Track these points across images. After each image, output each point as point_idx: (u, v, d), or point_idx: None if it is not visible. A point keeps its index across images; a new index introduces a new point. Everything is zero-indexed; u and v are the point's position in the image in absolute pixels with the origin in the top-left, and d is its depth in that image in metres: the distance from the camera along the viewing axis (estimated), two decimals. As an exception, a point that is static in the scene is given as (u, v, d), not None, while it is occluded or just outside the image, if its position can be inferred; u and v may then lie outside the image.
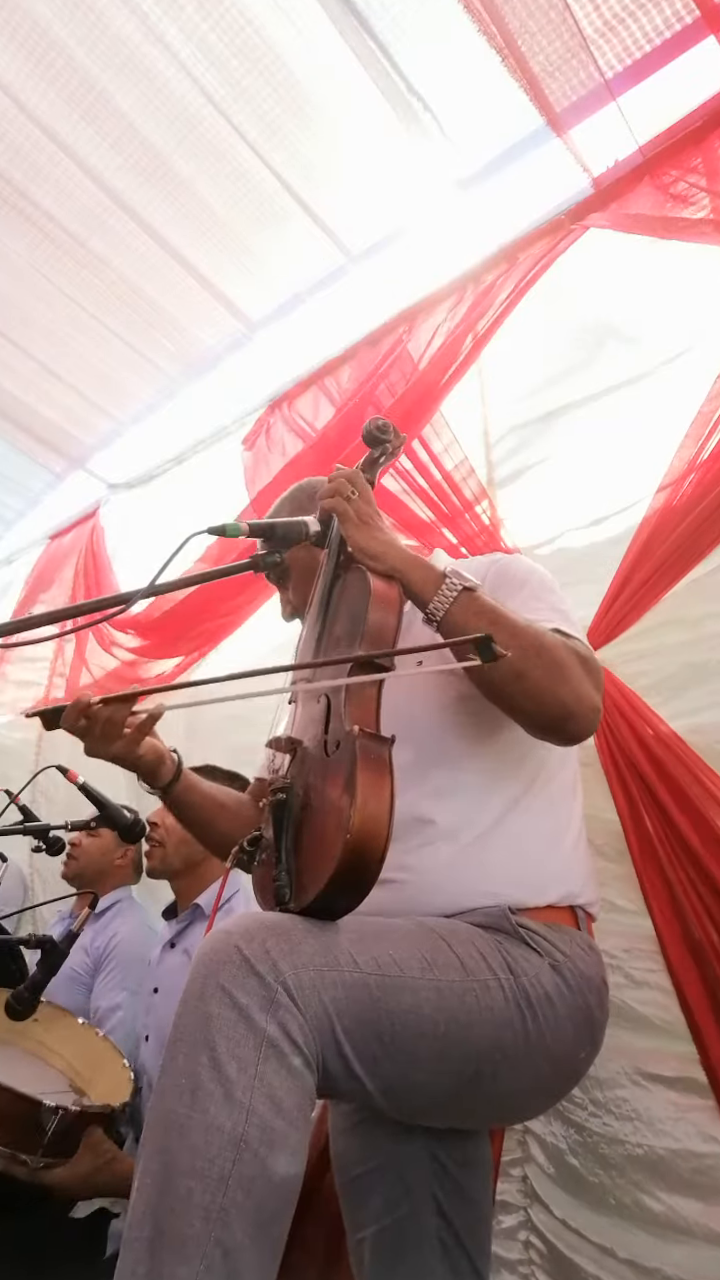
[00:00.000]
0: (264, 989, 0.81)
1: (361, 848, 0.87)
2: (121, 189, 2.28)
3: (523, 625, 1.04)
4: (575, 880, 1.15)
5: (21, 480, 3.65)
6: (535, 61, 1.64)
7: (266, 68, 1.93)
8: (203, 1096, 0.77)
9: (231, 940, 0.85)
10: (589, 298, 1.87)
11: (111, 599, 1.17)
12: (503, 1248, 1.54)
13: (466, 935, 1.02)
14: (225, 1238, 0.73)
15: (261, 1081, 0.78)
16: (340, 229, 2.24)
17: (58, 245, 2.48)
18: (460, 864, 1.09)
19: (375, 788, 0.90)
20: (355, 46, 1.81)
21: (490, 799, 1.14)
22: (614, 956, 1.48)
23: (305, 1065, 0.82)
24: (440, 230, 2.16)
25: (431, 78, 1.83)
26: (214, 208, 2.28)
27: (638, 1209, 1.35)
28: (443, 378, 1.99)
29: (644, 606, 1.54)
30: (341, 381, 2.42)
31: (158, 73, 2.00)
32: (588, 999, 1.07)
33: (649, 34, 1.57)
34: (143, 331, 2.71)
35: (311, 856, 0.95)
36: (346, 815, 0.88)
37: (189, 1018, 0.83)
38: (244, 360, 2.75)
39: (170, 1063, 0.82)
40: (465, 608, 1.03)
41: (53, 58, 2.02)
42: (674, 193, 1.68)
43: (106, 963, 2.19)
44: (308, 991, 0.83)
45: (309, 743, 1.10)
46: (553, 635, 1.07)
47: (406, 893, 1.08)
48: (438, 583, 1.05)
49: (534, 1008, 0.99)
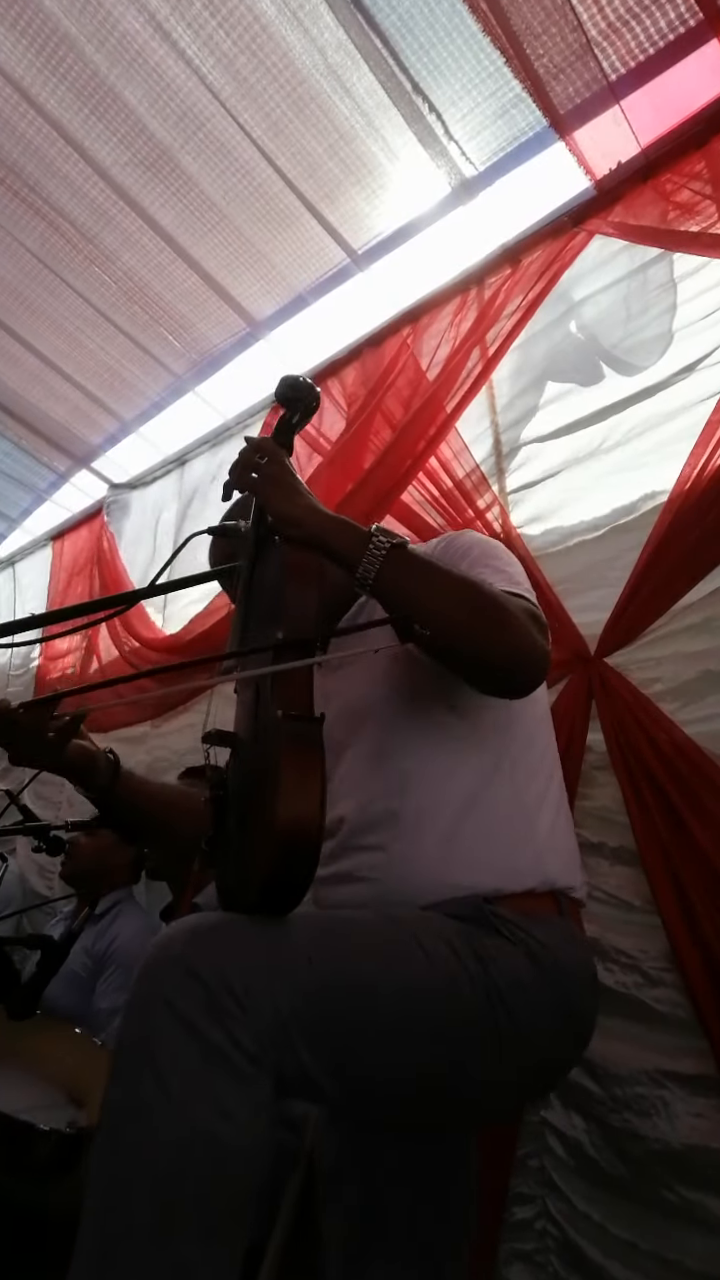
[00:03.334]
0: (208, 995, 0.77)
1: (292, 837, 0.83)
2: (129, 185, 2.30)
3: (458, 576, 1.00)
4: (554, 864, 1.08)
5: (25, 479, 3.66)
6: (540, 63, 1.64)
7: (273, 65, 1.93)
8: (147, 1112, 0.75)
9: (174, 946, 0.82)
10: (597, 302, 1.87)
11: (111, 599, 1.17)
12: (518, 1239, 1.54)
13: (437, 926, 0.97)
14: (176, 1254, 0.71)
15: (208, 1092, 0.75)
16: (345, 228, 2.24)
17: (67, 240, 2.49)
18: (431, 854, 1.04)
19: (301, 772, 0.85)
20: (361, 46, 1.81)
21: (455, 785, 1.09)
22: (631, 956, 1.48)
23: (257, 1071, 0.78)
24: (444, 230, 2.16)
25: (437, 79, 1.83)
26: (220, 205, 2.28)
27: (660, 1202, 1.36)
28: (453, 390, 1.98)
29: (657, 612, 1.55)
30: (346, 384, 2.42)
31: (165, 70, 2.00)
32: (567, 990, 1.01)
33: (652, 36, 1.57)
34: (148, 327, 2.72)
35: (250, 852, 0.91)
36: (272, 809, 0.83)
37: (131, 1030, 0.79)
38: (248, 360, 2.75)
39: (115, 1078, 0.79)
40: (396, 566, 0.97)
41: (64, 54, 2.03)
42: (678, 201, 1.67)
43: (108, 965, 2.19)
44: (257, 995, 0.79)
45: (243, 734, 1.05)
46: (491, 586, 1.02)
47: (379, 887, 1.04)
48: (364, 542, 0.97)
49: (505, 1001, 0.94)
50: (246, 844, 0.93)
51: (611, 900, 1.53)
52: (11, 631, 1.15)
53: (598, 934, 1.53)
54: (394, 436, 2.07)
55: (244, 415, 2.86)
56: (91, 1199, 0.75)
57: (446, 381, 2.00)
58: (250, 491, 1.07)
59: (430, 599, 0.97)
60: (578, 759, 1.59)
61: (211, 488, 2.95)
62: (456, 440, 1.98)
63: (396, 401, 2.15)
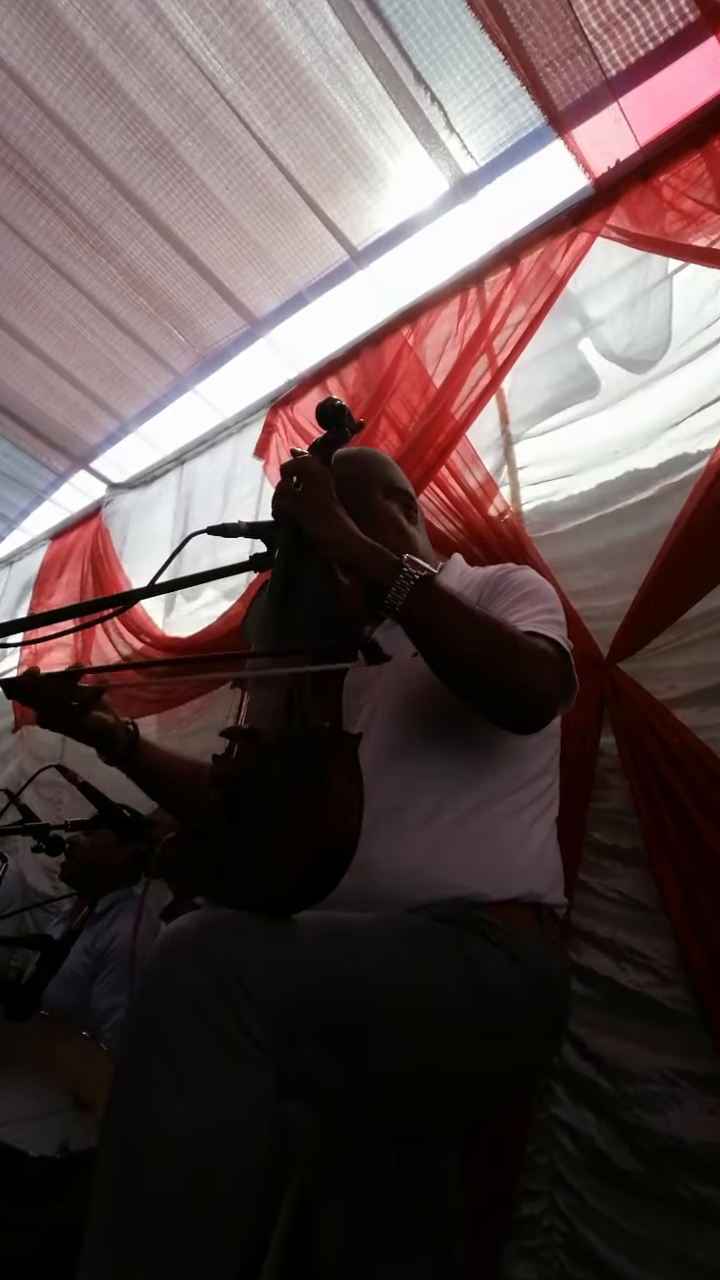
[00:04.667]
0: (218, 983, 0.80)
1: (333, 849, 0.86)
2: (129, 176, 2.28)
3: (480, 614, 1.06)
4: (540, 880, 1.13)
5: (24, 479, 3.66)
6: (537, 58, 1.64)
7: (274, 54, 1.92)
8: (159, 1092, 0.77)
9: (186, 936, 0.84)
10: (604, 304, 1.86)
11: (110, 599, 1.17)
12: (525, 1236, 1.55)
13: (428, 929, 1.01)
14: (187, 1234, 0.73)
15: (217, 1075, 0.78)
16: (345, 224, 2.23)
17: (73, 228, 2.47)
18: (424, 855, 1.09)
19: (348, 787, 0.89)
20: (363, 34, 1.79)
21: (462, 796, 1.14)
22: (644, 956, 1.49)
23: (262, 1057, 0.81)
24: (444, 228, 2.15)
25: (439, 69, 1.82)
26: (220, 198, 2.27)
27: (672, 1198, 1.37)
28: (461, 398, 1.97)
29: (669, 619, 1.55)
30: (347, 384, 2.41)
31: (165, 60, 1.99)
32: (546, 995, 1.06)
33: (652, 31, 1.57)
34: (149, 322, 2.71)
35: (273, 853, 0.93)
36: (319, 816, 0.86)
37: (143, 1013, 0.82)
38: (248, 358, 2.75)
39: (126, 1058, 0.82)
40: (422, 597, 1.02)
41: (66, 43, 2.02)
42: (682, 210, 1.66)
43: (106, 964, 2.19)
44: (263, 986, 0.82)
45: (269, 735, 1.07)
46: (513, 627, 1.08)
47: (369, 881, 1.06)
48: (394, 571, 1.03)
49: (492, 1002, 0.98)
50: (267, 844, 0.95)
51: (625, 901, 1.55)
52: (11, 632, 1.15)
53: (610, 933, 1.55)
54: (404, 445, 2.05)
55: (243, 415, 2.86)
56: (103, 1170, 0.77)
57: (455, 389, 1.99)
58: (287, 515, 1.12)
59: (450, 630, 1.03)
60: (590, 762, 1.60)
61: (210, 487, 2.94)
62: (466, 446, 1.96)
63: (402, 406, 2.14)
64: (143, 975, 0.85)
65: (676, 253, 1.68)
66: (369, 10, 1.74)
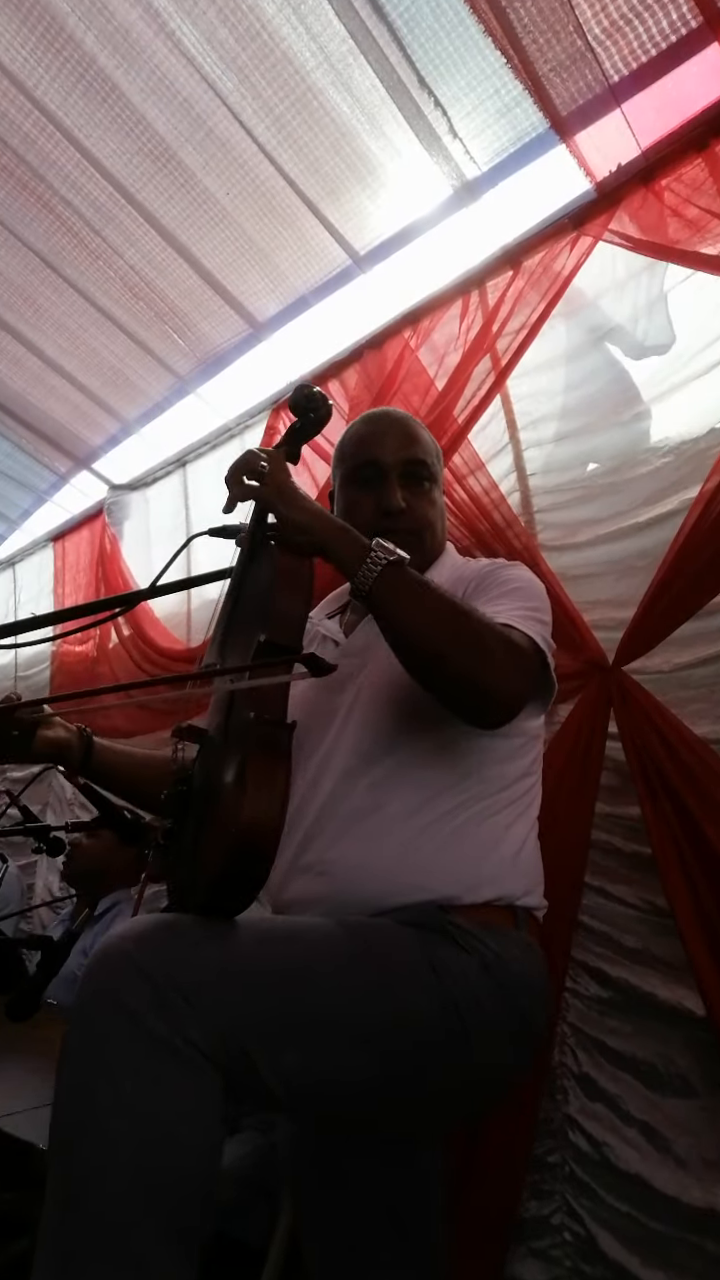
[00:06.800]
0: (155, 992, 0.78)
1: (250, 841, 0.82)
2: (131, 181, 2.29)
3: (449, 602, 1.01)
4: (517, 883, 1.10)
5: (26, 480, 3.67)
6: (540, 64, 1.64)
7: (276, 61, 1.92)
8: (98, 1109, 0.75)
9: (123, 945, 0.82)
10: (611, 308, 1.86)
11: (109, 599, 1.17)
12: (533, 1237, 1.55)
13: (391, 934, 0.98)
14: (135, 1249, 0.71)
15: (156, 1086, 0.76)
16: (347, 228, 2.23)
17: (73, 233, 2.48)
18: (393, 858, 1.06)
19: (266, 776, 0.85)
20: (366, 37, 1.79)
21: (437, 799, 1.10)
22: (652, 957, 1.50)
23: (206, 1066, 0.78)
24: (446, 232, 2.15)
25: (443, 73, 1.81)
26: (222, 201, 2.27)
27: (686, 1196, 1.37)
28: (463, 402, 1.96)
29: (676, 621, 1.54)
30: (348, 386, 2.41)
31: (168, 65, 1.99)
32: (519, 1000, 1.02)
33: (654, 37, 1.57)
34: (151, 325, 2.71)
35: (205, 851, 0.90)
36: (234, 807, 0.83)
37: (79, 1026, 0.80)
38: (250, 361, 2.75)
39: (63, 1073, 0.79)
40: (391, 583, 0.98)
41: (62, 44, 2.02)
42: (686, 217, 1.66)
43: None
44: (205, 996, 0.80)
45: (212, 731, 1.06)
46: (484, 620, 1.03)
47: (336, 883, 1.05)
48: (362, 555, 0.99)
49: (458, 1009, 0.95)
50: (202, 841, 0.93)
51: (632, 903, 1.56)
52: (14, 632, 1.16)
53: (617, 936, 1.55)
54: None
55: (245, 417, 2.86)
56: (49, 1193, 0.75)
57: (457, 392, 1.98)
58: (255, 499, 1.06)
59: (414, 617, 0.99)
60: (596, 765, 1.60)
61: (212, 489, 2.95)
62: (468, 449, 1.96)
63: (403, 408, 2.13)
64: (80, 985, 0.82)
65: (678, 258, 1.68)
66: (374, 14, 1.74)
